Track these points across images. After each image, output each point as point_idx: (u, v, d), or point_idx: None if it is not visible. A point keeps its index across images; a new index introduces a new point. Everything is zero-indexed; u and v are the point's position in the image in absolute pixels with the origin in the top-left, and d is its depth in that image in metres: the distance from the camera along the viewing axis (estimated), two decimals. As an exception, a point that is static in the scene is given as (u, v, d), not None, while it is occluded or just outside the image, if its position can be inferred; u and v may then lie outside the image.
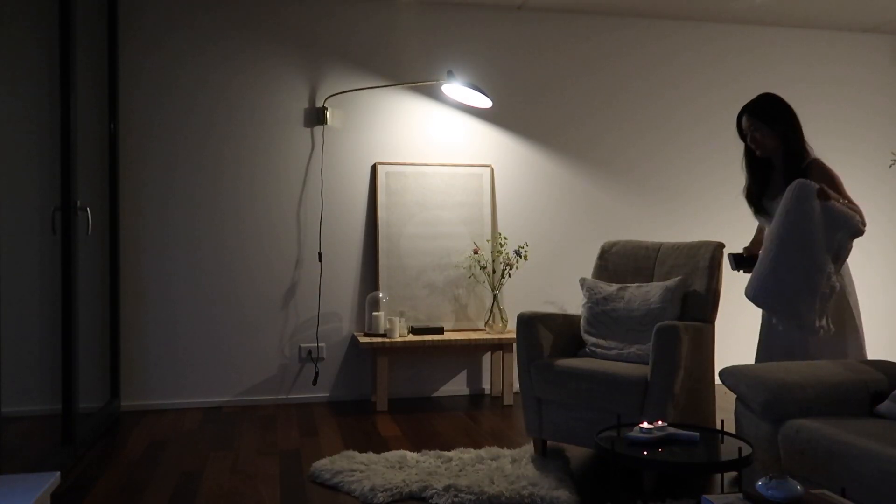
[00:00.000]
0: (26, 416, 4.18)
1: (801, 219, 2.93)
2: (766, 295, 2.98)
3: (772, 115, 3.22)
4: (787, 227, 2.95)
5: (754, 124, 3.25)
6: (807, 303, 2.91)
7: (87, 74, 3.99)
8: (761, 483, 1.96)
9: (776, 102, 3.26)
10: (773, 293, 2.97)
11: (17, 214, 4.24)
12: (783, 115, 3.22)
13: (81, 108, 3.67)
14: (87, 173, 3.94)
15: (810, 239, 2.92)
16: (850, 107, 5.54)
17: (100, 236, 4.27)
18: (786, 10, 5.10)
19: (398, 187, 4.87)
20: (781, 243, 2.95)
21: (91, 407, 3.99)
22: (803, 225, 2.93)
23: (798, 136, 3.21)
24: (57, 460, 3.39)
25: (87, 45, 3.99)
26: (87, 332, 3.91)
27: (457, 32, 4.97)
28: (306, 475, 3.33)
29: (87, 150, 3.99)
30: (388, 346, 4.51)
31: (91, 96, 4.17)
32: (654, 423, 2.65)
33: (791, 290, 2.93)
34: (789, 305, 2.94)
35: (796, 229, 2.94)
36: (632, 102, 5.23)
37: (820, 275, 2.92)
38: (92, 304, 4.13)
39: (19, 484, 2.24)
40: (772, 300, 2.99)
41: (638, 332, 3.50)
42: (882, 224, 5.61)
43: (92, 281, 4.16)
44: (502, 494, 2.99)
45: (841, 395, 2.69)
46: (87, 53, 3.99)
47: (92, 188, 4.13)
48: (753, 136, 3.26)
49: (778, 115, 3.22)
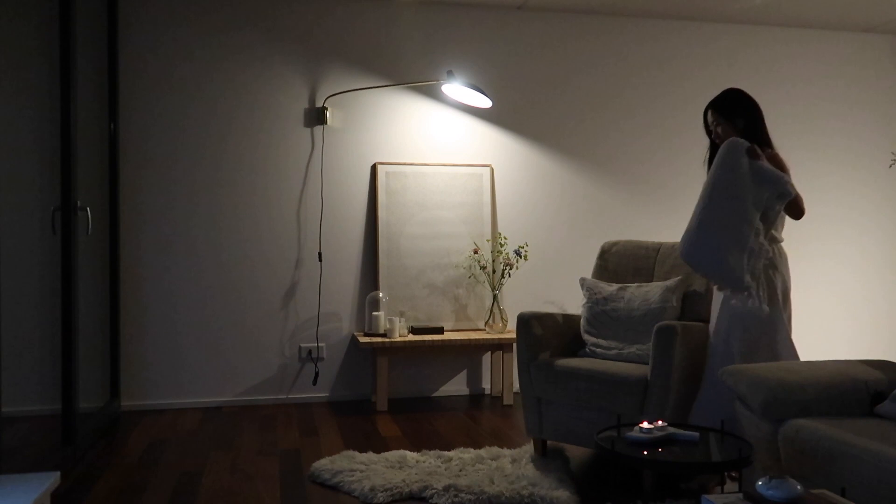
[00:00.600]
0: (26, 416, 4.18)
1: (728, 171, 2.99)
2: (695, 250, 3.00)
3: (734, 109, 3.24)
4: (715, 179, 3.02)
5: (717, 119, 3.27)
6: (734, 255, 2.93)
7: (87, 74, 3.99)
8: (761, 483, 1.96)
9: (739, 98, 3.28)
10: (701, 247, 2.99)
11: (17, 214, 4.25)
12: (745, 111, 3.24)
13: (81, 108, 3.67)
14: (87, 173, 3.94)
15: (737, 190, 2.96)
16: (850, 107, 5.54)
17: (100, 236, 4.27)
18: (786, 10, 5.10)
19: (398, 187, 4.87)
20: (709, 196, 3.01)
21: (91, 407, 3.99)
22: (730, 176, 2.99)
23: (758, 132, 3.21)
24: (57, 460, 3.39)
25: (87, 46, 3.99)
26: (86, 333, 3.91)
27: (457, 32, 4.97)
28: (306, 475, 3.33)
29: (87, 150, 3.99)
30: (388, 346, 4.51)
31: (91, 96, 4.17)
32: (654, 423, 2.65)
33: (718, 242, 2.95)
34: (718, 261, 2.96)
35: (723, 181, 3.00)
36: (632, 102, 5.23)
37: (748, 227, 2.94)
38: (92, 304, 4.13)
39: (19, 484, 2.24)
40: (699, 255, 3.00)
41: (638, 332, 3.50)
42: (882, 224, 5.61)
43: (92, 281, 4.16)
44: (502, 494, 2.99)
45: (841, 395, 2.69)
46: (87, 54, 3.99)
47: (92, 188, 4.13)
48: (716, 130, 3.28)
49: (740, 111, 3.24)
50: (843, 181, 5.53)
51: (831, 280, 5.51)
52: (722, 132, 3.25)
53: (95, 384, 4.24)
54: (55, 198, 3.52)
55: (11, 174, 4.25)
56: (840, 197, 5.52)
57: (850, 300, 5.55)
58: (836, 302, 5.52)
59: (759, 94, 5.33)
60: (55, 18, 3.48)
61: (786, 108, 5.43)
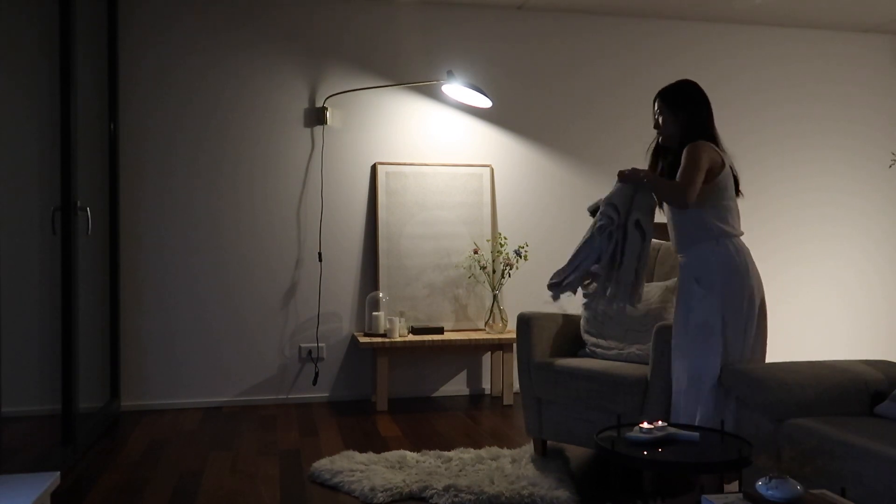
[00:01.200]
0: (26, 416, 4.18)
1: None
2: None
3: (678, 102, 3.04)
4: None
5: (662, 108, 3.08)
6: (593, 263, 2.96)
7: (87, 74, 3.99)
8: (761, 483, 1.96)
9: (689, 91, 3.07)
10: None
11: (17, 214, 4.24)
12: (690, 105, 3.03)
13: (81, 108, 3.66)
14: (87, 173, 3.94)
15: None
16: (851, 107, 5.54)
17: (100, 236, 4.27)
18: (786, 10, 5.10)
19: (398, 187, 4.87)
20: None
21: (91, 407, 3.99)
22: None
23: (698, 129, 2.99)
24: (57, 460, 3.39)
25: (87, 46, 3.99)
26: (86, 332, 3.91)
27: (457, 32, 4.97)
28: (306, 475, 3.33)
29: (87, 150, 3.99)
30: (388, 346, 4.51)
31: (91, 96, 4.17)
32: (654, 423, 2.65)
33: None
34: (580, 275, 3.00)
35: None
36: (632, 102, 5.22)
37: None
38: (92, 304, 4.13)
39: (19, 484, 2.24)
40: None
41: (638, 332, 3.50)
42: (882, 224, 5.61)
43: (92, 281, 4.15)
44: (502, 494, 2.99)
45: (841, 395, 2.69)
46: (87, 53, 3.99)
47: (92, 188, 4.13)
48: (657, 119, 3.10)
49: (685, 104, 3.04)
50: (843, 181, 5.53)
51: (831, 280, 5.51)
52: (663, 122, 3.08)
53: (95, 384, 4.24)
54: (55, 198, 3.51)
55: (11, 174, 4.25)
56: (840, 197, 5.52)
57: (850, 300, 5.55)
58: (836, 302, 5.52)
59: (758, 93, 5.40)
60: (55, 18, 3.48)
61: (786, 108, 5.43)
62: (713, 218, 2.96)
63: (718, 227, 2.96)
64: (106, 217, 4.37)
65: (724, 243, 2.96)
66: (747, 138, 5.31)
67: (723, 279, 2.94)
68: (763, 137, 5.40)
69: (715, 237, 2.96)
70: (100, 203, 4.28)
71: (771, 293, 5.34)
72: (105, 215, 4.36)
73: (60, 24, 3.46)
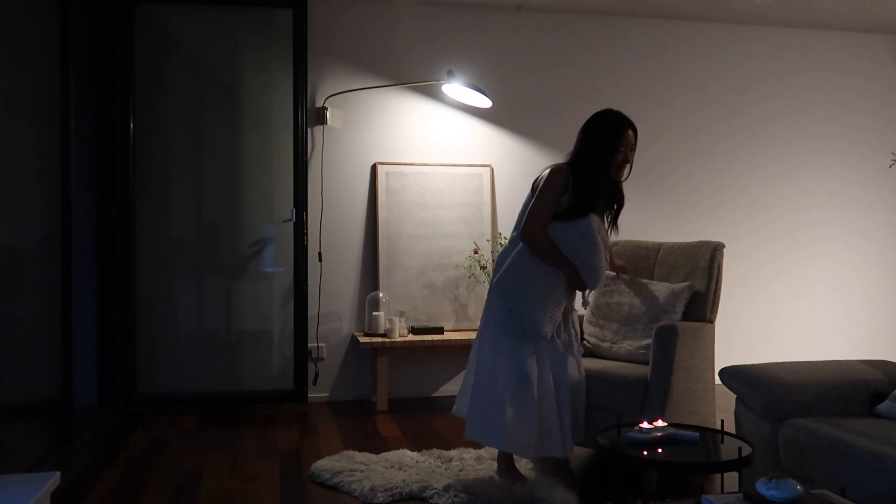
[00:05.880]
0: (26, 416, 4.18)
1: None
2: None
3: (584, 129, 3.39)
4: None
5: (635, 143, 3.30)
6: None
7: (87, 74, 3.99)
8: (761, 483, 1.96)
9: (594, 120, 3.44)
10: None
11: (17, 214, 4.24)
12: (586, 134, 3.39)
13: (81, 107, 3.67)
14: (87, 173, 3.94)
15: None
16: (850, 107, 5.54)
17: (100, 236, 4.27)
18: (786, 10, 5.10)
19: (398, 187, 4.87)
20: None
21: (91, 407, 3.99)
22: None
23: (579, 160, 3.29)
24: (57, 460, 3.39)
25: (87, 46, 3.99)
26: (86, 332, 3.91)
27: (457, 32, 4.97)
28: (306, 475, 3.33)
29: (88, 150, 3.99)
30: (388, 346, 4.51)
31: (91, 96, 4.17)
32: (654, 423, 2.65)
33: None
34: None
35: None
36: (631, 102, 5.21)
37: None
38: (91, 304, 4.13)
39: (19, 484, 2.24)
40: None
41: (634, 329, 3.51)
42: (882, 224, 5.61)
43: (91, 280, 4.16)
44: (502, 494, 2.99)
45: (841, 395, 2.69)
46: (87, 54, 4.00)
47: (92, 188, 4.13)
48: (629, 155, 3.31)
49: (583, 131, 3.39)
50: (843, 181, 5.52)
51: (831, 280, 5.51)
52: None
53: (95, 384, 4.24)
54: (55, 198, 3.52)
55: (11, 174, 4.25)
56: (840, 197, 5.52)
57: (849, 300, 5.54)
58: (836, 302, 5.52)
59: (758, 93, 5.40)
60: (55, 19, 3.48)
61: (785, 108, 5.43)
62: None
63: None
64: (106, 217, 4.37)
65: None
66: (746, 138, 5.31)
67: None
68: (763, 137, 5.39)
69: None
70: (100, 203, 4.28)
71: (771, 294, 5.39)
72: (105, 215, 4.35)
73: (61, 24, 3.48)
